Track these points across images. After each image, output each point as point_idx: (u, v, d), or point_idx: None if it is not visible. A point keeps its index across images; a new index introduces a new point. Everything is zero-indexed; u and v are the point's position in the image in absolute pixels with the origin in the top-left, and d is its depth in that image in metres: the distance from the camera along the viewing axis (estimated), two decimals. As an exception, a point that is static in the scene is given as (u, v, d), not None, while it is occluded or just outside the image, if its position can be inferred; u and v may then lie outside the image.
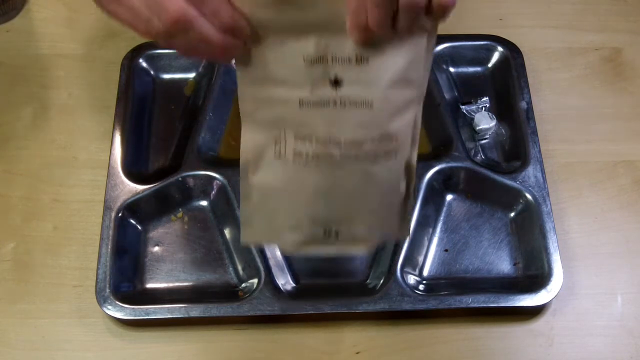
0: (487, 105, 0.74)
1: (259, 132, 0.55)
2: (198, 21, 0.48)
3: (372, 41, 0.49)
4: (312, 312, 0.62)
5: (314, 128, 0.53)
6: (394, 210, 0.59)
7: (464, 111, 0.74)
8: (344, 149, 0.53)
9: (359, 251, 0.60)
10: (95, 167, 0.70)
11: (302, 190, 0.56)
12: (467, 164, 0.68)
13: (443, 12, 0.46)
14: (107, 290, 0.62)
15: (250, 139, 0.56)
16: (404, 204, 0.59)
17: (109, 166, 0.68)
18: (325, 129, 0.53)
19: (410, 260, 0.65)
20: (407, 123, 0.54)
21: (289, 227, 0.58)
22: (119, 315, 0.61)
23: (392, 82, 0.52)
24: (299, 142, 0.54)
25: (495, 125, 0.73)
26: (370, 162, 0.54)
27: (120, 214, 0.66)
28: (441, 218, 0.69)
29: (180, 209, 0.69)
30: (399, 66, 0.51)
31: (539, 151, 0.69)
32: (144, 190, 0.67)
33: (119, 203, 0.66)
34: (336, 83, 0.52)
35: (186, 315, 0.61)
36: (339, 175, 0.55)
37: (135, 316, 0.62)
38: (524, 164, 0.69)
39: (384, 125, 0.53)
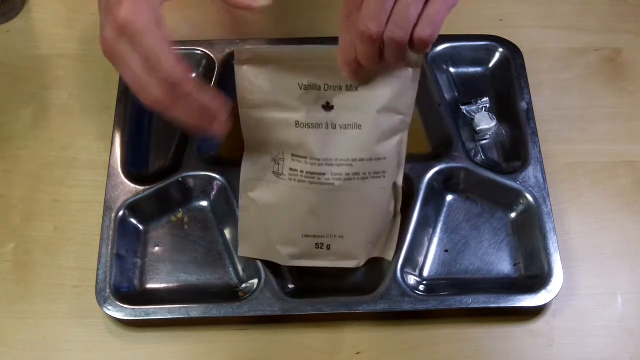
0: (487, 106, 0.74)
1: (260, 150, 0.59)
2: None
3: (362, 75, 0.54)
4: (312, 312, 0.62)
5: (309, 147, 0.57)
6: (382, 228, 0.63)
7: (464, 111, 0.74)
8: (336, 168, 0.57)
9: (349, 264, 0.63)
10: (95, 167, 0.70)
11: (296, 206, 0.60)
12: (467, 164, 0.68)
13: (423, 45, 0.49)
14: (107, 291, 0.62)
15: (251, 157, 0.60)
16: (392, 222, 0.63)
17: (109, 166, 0.68)
18: (318, 148, 0.57)
19: (410, 261, 0.65)
20: (393, 146, 0.58)
21: (283, 241, 0.61)
22: (119, 315, 0.61)
23: (379, 108, 0.56)
24: (295, 160, 0.58)
25: (495, 125, 0.72)
26: (359, 180, 0.58)
27: (120, 214, 0.66)
28: (441, 218, 0.69)
29: (180, 209, 0.69)
30: (387, 95, 0.56)
31: (539, 151, 0.69)
32: (144, 190, 0.67)
33: (119, 203, 0.66)
34: (328, 107, 0.56)
35: (186, 316, 0.61)
36: (330, 193, 0.58)
37: (135, 316, 0.62)
38: (524, 164, 0.69)
39: (372, 147, 0.57)
